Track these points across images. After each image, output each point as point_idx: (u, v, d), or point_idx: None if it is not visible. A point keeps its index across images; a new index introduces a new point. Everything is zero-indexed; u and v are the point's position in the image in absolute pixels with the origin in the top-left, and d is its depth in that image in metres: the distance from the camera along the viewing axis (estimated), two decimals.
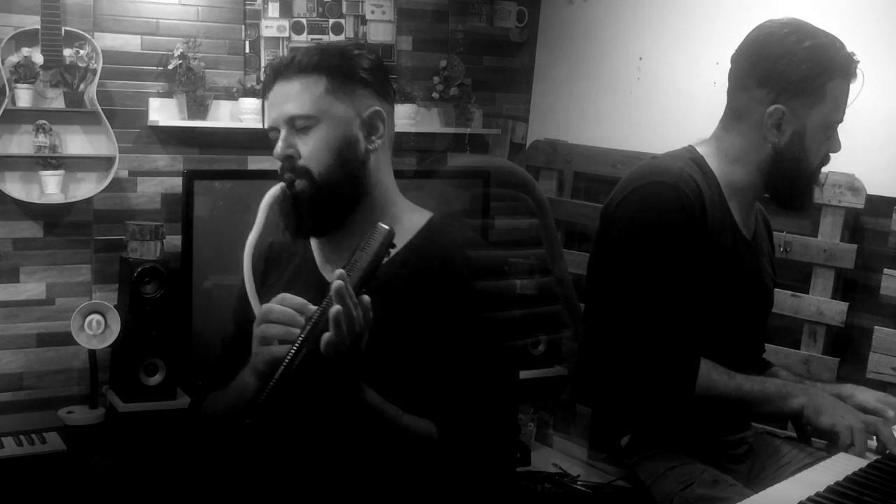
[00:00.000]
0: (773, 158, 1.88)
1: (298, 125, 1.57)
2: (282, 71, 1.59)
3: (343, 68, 1.58)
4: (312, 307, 1.41)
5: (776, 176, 1.90)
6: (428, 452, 1.51)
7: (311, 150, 1.57)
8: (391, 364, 1.52)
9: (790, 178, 1.90)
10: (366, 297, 1.36)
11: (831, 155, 1.94)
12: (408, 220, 1.65)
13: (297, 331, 1.38)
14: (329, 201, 1.58)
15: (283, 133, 1.59)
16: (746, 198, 1.95)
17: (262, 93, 1.65)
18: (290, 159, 1.59)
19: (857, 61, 1.86)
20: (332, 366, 1.37)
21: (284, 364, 1.35)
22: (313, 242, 1.68)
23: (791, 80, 1.83)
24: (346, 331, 1.33)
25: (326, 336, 1.33)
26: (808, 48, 1.82)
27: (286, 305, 1.42)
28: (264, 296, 1.59)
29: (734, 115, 1.92)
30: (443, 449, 1.51)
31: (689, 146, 1.98)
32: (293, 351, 1.35)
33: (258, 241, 1.65)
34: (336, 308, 1.32)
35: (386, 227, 1.40)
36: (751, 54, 1.88)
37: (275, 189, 1.61)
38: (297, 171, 1.59)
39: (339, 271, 1.34)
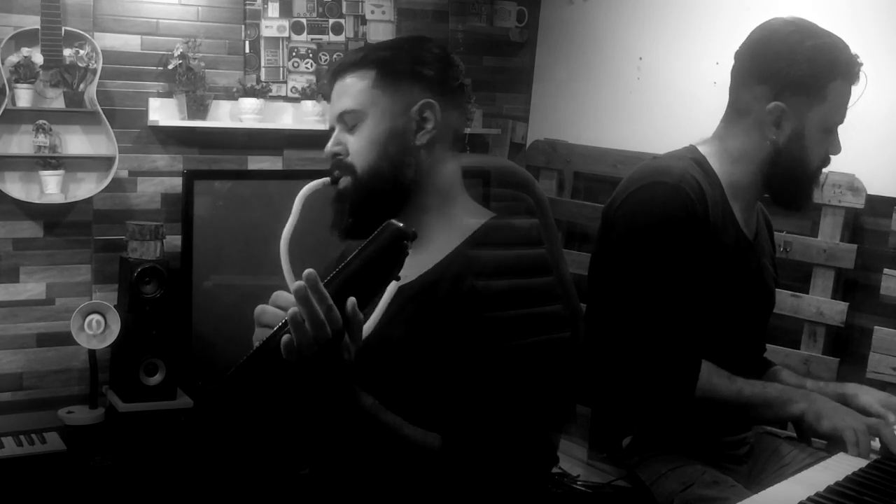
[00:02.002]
0: (772, 157, 1.88)
1: (347, 121, 1.53)
2: (335, 71, 1.56)
3: (392, 61, 1.52)
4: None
5: (776, 175, 1.90)
6: (426, 465, 1.43)
7: (356, 145, 1.52)
8: (408, 373, 1.45)
9: (790, 177, 1.89)
10: (350, 300, 1.24)
11: (831, 157, 1.93)
12: (463, 222, 1.55)
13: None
14: (372, 199, 1.51)
15: (336, 131, 1.55)
16: (748, 197, 1.94)
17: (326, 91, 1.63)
18: (336, 156, 1.54)
19: (861, 64, 1.85)
20: (299, 368, 1.26)
21: (241, 361, 1.26)
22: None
23: (792, 78, 1.82)
24: (311, 334, 1.22)
25: (285, 338, 1.23)
26: (811, 47, 1.82)
27: (279, 304, 1.34)
28: None
29: (736, 112, 1.92)
30: (443, 462, 1.43)
31: (691, 146, 1.97)
32: (258, 345, 1.27)
33: (293, 232, 1.58)
34: (292, 310, 1.22)
35: (397, 224, 1.25)
36: (753, 51, 1.88)
37: (315, 182, 1.55)
38: (343, 168, 1.54)
39: (308, 270, 1.23)
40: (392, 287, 1.36)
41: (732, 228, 1.90)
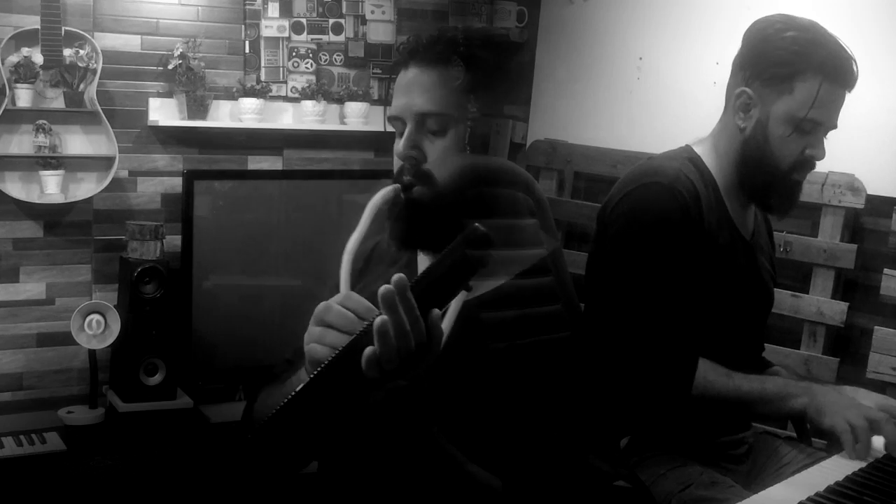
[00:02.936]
0: (742, 148, 1.88)
1: (429, 124, 1.38)
2: (420, 52, 1.38)
3: (488, 63, 1.39)
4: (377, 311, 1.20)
5: (745, 167, 1.89)
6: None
7: (439, 152, 1.37)
8: (468, 398, 1.32)
9: (757, 170, 1.87)
10: (434, 312, 1.13)
11: (816, 162, 1.90)
12: (526, 245, 1.43)
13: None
14: (447, 213, 1.33)
15: (409, 128, 1.38)
16: (741, 196, 1.94)
17: (391, 70, 1.44)
18: (412, 160, 1.38)
19: (851, 69, 1.81)
20: (376, 385, 1.14)
21: (313, 375, 1.12)
22: (422, 254, 1.44)
23: (762, 65, 1.82)
24: (395, 346, 1.10)
25: (368, 350, 1.10)
26: (788, 38, 1.81)
27: (348, 307, 1.19)
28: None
29: (724, 104, 1.93)
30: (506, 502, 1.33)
31: (686, 146, 1.98)
32: (328, 361, 1.13)
33: (361, 244, 1.38)
34: (381, 319, 1.09)
35: (483, 229, 1.14)
36: (742, 43, 1.89)
37: (386, 190, 1.37)
38: (419, 176, 1.36)
39: (399, 275, 1.10)
40: (460, 298, 1.25)
41: (728, 228, 1.90)
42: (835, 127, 1.87)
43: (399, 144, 1.38)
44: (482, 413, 1.32)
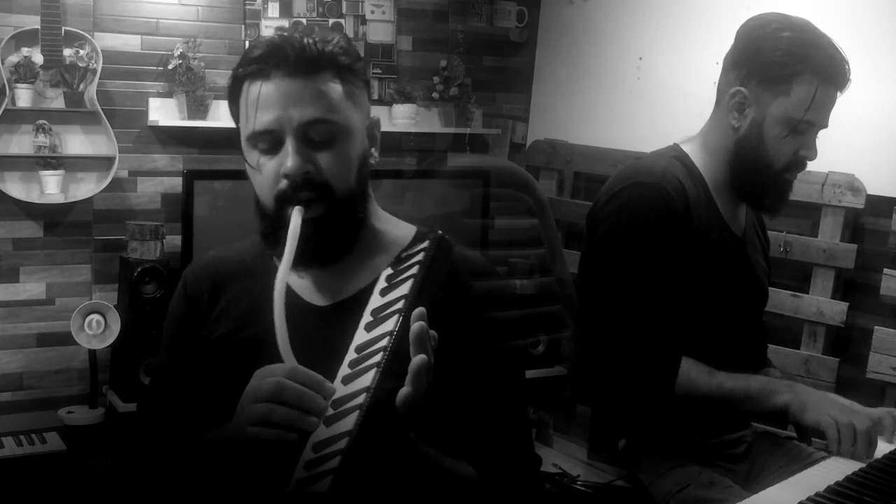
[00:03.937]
0: (736, 147, 1.88)
1: (316, 135, 1.29)
2: (287, 62, 1.29)
3: (353, 68, 1.36)
4: (329, 385, 1.14)
5: (738, 166, 1.88)
6: (467, 498, 1.31)
7: (332, 165, 1.29)
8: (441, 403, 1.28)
9: (750, 170, 1.87)
10: (433, 334, 1.12)
11: (807, 162, 1.89)
12: (398, 236, 1.40)
13: (314, 419, 1.11)
14: (347, 225, 1.32)
15: (292, 143, 1.29)
16: (731, 193, 1.94)
17: (233, 85, 1.39)
18: (307, 174, 1.29)
19: (845, 70, 1.81)
20: (401, 421, 1.12)
21: (358, 425, 1.08)
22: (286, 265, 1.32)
23: (758, 65, 1.82)
24: (424, 383, 1.09)
25: (405, 392, 1.08)
26: (785, 38, 1.81)
27: (300, 382, 1.12)
28: (214, 324, 1.41)
29: (715, 103, 1.93)
30: (485, 492, 1.32)
31: (674, 144, 1.98)
32: (363, 411, 1.09)
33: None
34: (420, 360, 1.08)
35: (447, 236, 1.19)
36: (736, 39, 1.89)
37: (299, 216, 1.28)
38: (318, 191, 1.29)
39: (419, 310, 1.09)
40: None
41: (717, 225, 1.90)
42: (826, 127, 1.87)
43: (290, 162, 1.28)
44: (457, 410, 1.33)
